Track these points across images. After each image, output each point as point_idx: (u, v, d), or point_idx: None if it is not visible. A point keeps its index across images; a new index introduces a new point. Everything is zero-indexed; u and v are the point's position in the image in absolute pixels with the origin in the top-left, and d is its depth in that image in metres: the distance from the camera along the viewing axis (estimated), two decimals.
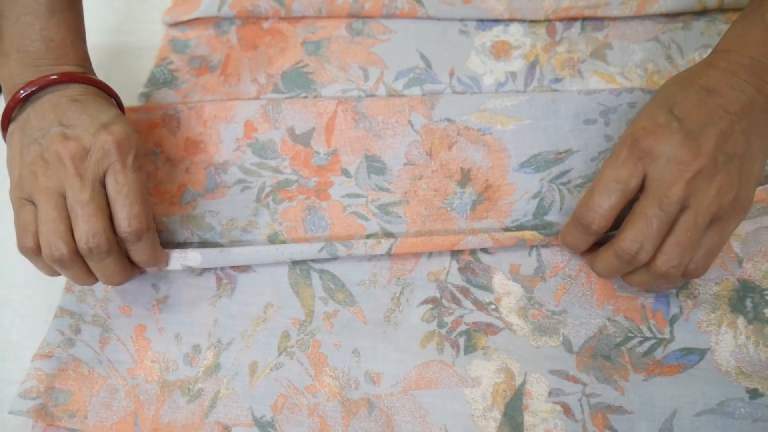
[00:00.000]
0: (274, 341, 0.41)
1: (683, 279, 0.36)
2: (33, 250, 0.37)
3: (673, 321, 0.39)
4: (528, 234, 0.40)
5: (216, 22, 0.54)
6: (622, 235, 0.35)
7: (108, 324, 0.42)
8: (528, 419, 0.37)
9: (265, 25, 0.53)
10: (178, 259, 0.41)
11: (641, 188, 0.35)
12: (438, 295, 0.41)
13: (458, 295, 0.41)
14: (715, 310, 0.39)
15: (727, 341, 0.38)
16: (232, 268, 0.43)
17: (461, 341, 0.39)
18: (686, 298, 0.39)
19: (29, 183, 0.37)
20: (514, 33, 0.50)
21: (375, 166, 0.45)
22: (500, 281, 0.41)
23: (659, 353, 0.38)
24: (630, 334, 0.39)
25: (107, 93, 0.42)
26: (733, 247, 0.40)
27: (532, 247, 0.42)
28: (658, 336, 0.38)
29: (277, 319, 0.41)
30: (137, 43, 0.54)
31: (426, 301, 0.41)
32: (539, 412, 0.37)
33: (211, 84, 0.50)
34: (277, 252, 0.41)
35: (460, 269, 0.42)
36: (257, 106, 0.47)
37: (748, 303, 0.38)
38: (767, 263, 0.39)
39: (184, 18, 0.53)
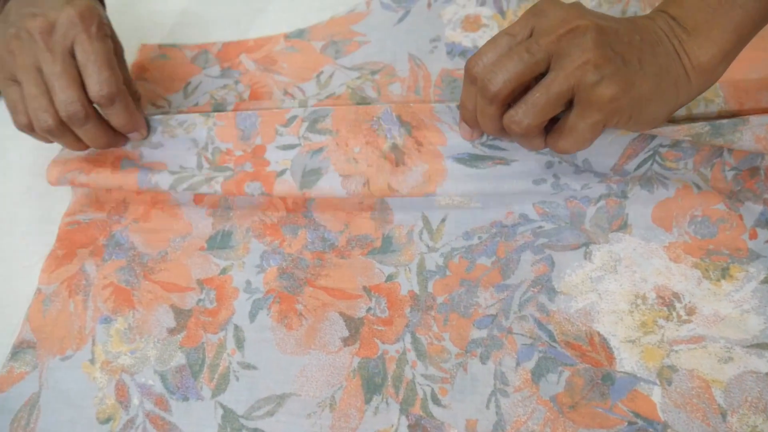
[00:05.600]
0: None
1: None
2: (28, 126, 0.41)
3: None
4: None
5: None
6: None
7: None
8: None
9: None
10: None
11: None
12: None
13: None
14: None
15: None
16: None
17: None
18: None
19: (10, 63, 0.40)
20: None
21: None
22: None
23: None
24: None
25: None
26: (715, 396, 0.36)
27: (490, 398, 0.37)
28: None
29: None
30: None
31: None
32: None
33: None
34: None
35: (410, 426, 0.37)
36: None
37: None
38: (755, 416, 0.35)
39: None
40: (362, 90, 0.49)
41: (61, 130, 0.41)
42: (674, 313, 0.38)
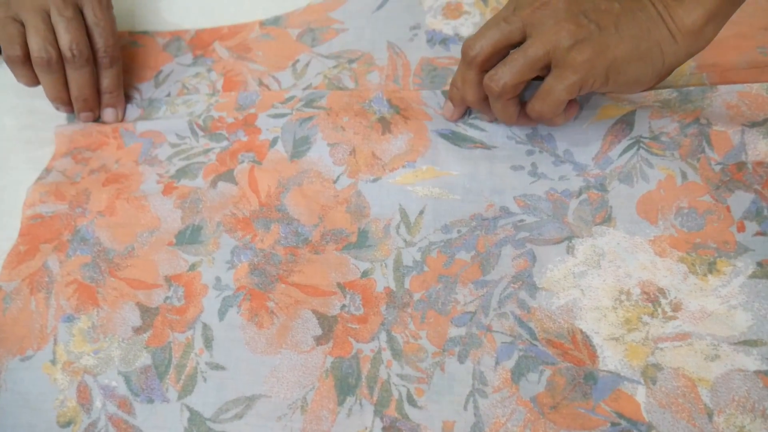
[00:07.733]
0: None
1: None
2: (20, 58, 0.44)
3: None
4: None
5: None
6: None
7: None
8: None
9: None
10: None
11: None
12: None
13: None
14: None
15: None
16: None
17: None
18: None
19: (16, 3, 0.43)
20: None
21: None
22: None
23: None
24: None
25: None
26: (701, 395, 0.34)
27: (468, 399, 0.36)
28: None
29: None
30: None
31: None
32: None
33: None
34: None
35: (384, 428, 0.35)
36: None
37: None
38: (742, 416, 0.34)
39: None
40: (339, 80, 0.48)
41: (57, 67, 0.44)
42: (659, 310, 0.37)
